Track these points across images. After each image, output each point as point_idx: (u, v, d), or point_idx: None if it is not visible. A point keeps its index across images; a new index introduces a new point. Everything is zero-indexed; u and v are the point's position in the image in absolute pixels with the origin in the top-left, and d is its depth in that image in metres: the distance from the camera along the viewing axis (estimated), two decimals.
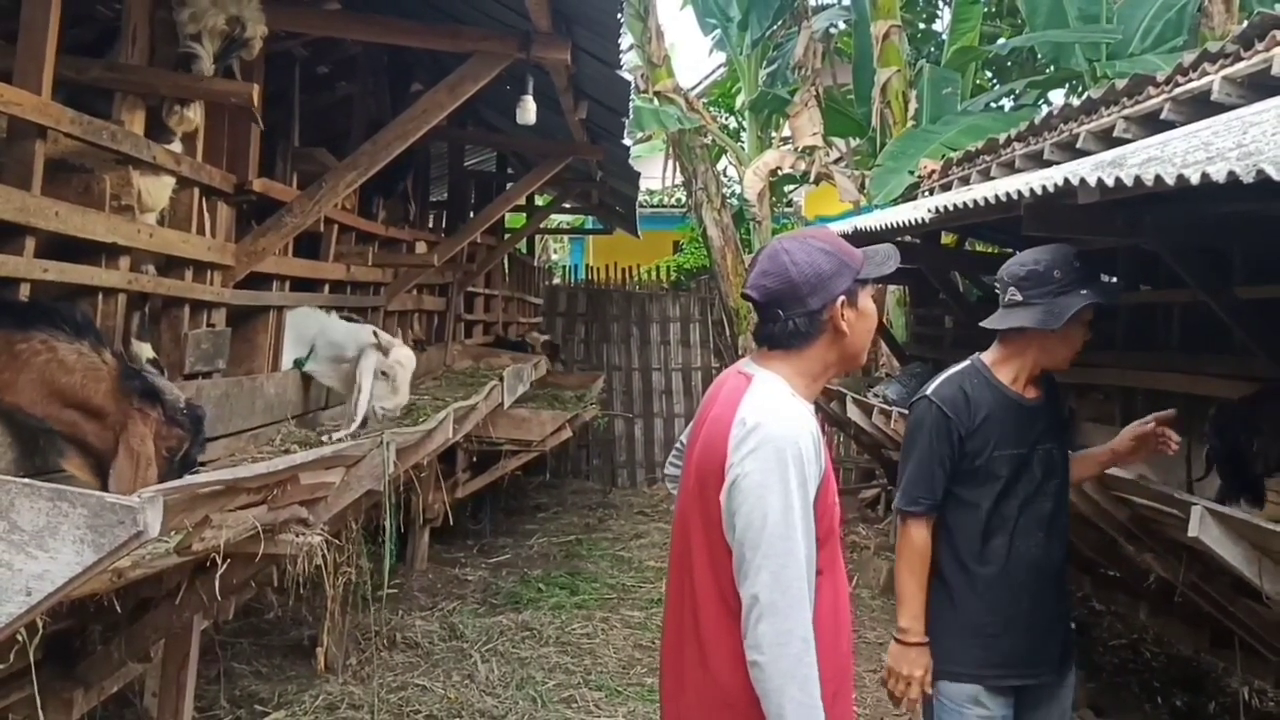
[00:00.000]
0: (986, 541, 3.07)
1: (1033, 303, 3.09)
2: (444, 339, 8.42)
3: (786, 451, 2.12)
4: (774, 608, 2.07)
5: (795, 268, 2.28)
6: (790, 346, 2.29)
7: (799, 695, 2.06)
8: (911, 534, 3.06)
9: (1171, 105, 4.63)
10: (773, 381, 2.27)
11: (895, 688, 3.05)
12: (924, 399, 3.13)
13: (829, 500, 2.24)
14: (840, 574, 2.32)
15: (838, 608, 2.26)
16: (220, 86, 3.64)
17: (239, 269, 4.22)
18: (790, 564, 2.08)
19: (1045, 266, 3.13)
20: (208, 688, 5.34)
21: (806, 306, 2.26)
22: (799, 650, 2.07)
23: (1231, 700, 5.63)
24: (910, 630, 3.03)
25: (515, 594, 7.61)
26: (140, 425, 2.79)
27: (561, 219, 16.60)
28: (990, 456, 3.06)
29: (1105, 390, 5.88)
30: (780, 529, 2.09)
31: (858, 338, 2.32)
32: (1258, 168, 2.32)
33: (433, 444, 4.47)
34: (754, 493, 2.11)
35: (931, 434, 3.06)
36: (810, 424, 2.21)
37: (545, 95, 5.86)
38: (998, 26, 13.10)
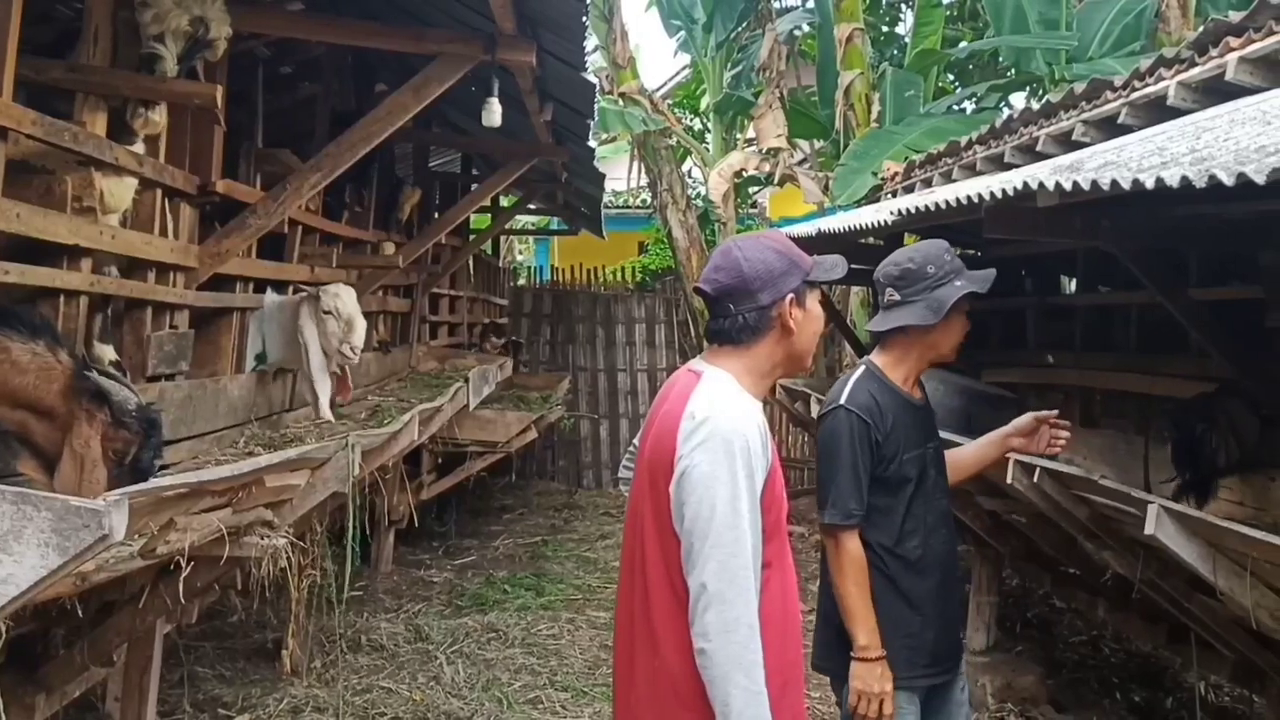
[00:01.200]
0: (904, 543, 3.07)
1: (910, 300, 3.10)
2: (409, 340, 8.39)
3: (734, 444, 2.16)
4: (721, 596, 2.11)
5: (748, 264, 2.34)
6: (740, 342, 2.35)
7: (744, 682, 2.09)
8: (848, 547, 3.00)
9: (1129, 110, 4.71)
10: (721, 377, 2.32)
11: (868, 709, 2.94)
12: (841, 409, 3.06)
13: (776, 494, 2.27)
14: (788, 568, 2.35)
15: (786, 601, 2.30)
16: (183, 88, 3.62)
17: (202, 271, 4.20)
18: (737, 553, 2.12)
19: (918, 264, 3.14)
20: (171, 692, 5.29)
21: (757, 301, 2.32)
22: (745, 637, 2.11)
23: (1188, 695, 5.71)
24: (870, 646, 2.96)
25: (481, 595, 7.59)
26: (85, 427, 2.76)
27: (527, 220, 16.58)
28: (901, 461, 3.07)
29: (1064, 390, 5.97)
30: (728, 519, 2.13)
31: (805, 337, 2.38)
32: (1209, 173, 2.37)
33: (398, 446, 4.47)
34: (702, 484, 2.15)
35: (855, 443, 3.01)
36: (758, 419, 2.25)
37: (510, 97, 5.86)
38: (959, 30, 13.22)
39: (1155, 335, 5.13)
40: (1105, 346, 5.63)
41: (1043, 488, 4.01)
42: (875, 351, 3.25)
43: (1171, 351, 4.93)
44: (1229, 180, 2.31)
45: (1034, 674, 5.84)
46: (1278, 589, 3.25)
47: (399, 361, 8.03)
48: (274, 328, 5.16)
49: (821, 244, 6.37)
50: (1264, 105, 3.27)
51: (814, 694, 5.95)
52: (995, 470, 3.76)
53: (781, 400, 9.00)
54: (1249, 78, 4.04)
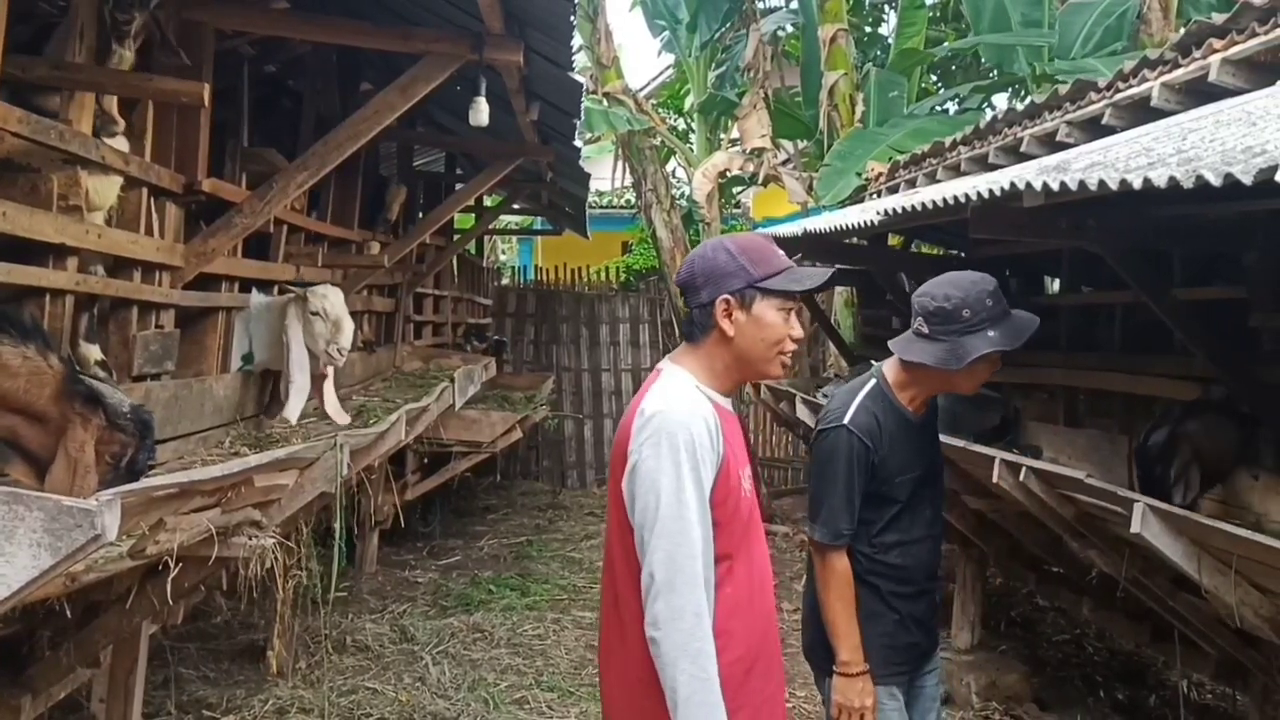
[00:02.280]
0: (887, 553, 3.10)
1: (938, 339, 3.05)
2: (394, 340, 8.37)
3: (678, 437, 2.20)
4: (668, 585, 2.16)
5: (699, 261, 2.39)
6: (693, 338, 2.40)
7: (690, 668, 2.13)
8: (835, 565, 3.02)
9: (1112, 111, 4.73)
10: (678, 374, 2.37)
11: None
12: (842, 428, 3.03)
13: (731, 486, 2.30)
14: (757, 560, 2.39)
15: (752, 591, 2.34)
16: (170, 86, 3.60)
17: (188, 270, 4.18)
18: (683, 544, 2.17)
19: (955, 305, 3.05)
20: (155, 693, 5.27)
21: (699, 298, 2.36)
22: (691, 625, 2.15)
23: (1171, 694, 5.75)
24: (852, 661, 2.98)
25: (466, 596, 7.58)
26: (80, 431, 2.75)
27: (510, 219, 16.55)
28: (893, 483, 3.08)
29: (1049, 390, 6.00)
30: (673, 510, 2.18)
31: (748, 343, 2.35)
32: (1197, 173, 2.39)
33: (385, 446, 4.45)
34: (648, 477, 2.21)
35: (852, 465, 3.00)
36: (705, 414, 2.27)
37: (496, 96, 5.85)
38: (942, 31, 13.26)
39: (1140, 335, 5.16)
40: (1090, 346, 5.66)
41: (1028, 486, 4.03)
42: (889, 364, 3.21)
43: (1156, 351, 4.96)
44: (1217, 181, 2.33)
45: (1018, 672, 5.87)
46: (1262, 587, 3.28)
47: (383, 361, 8.01)
48: (260, 328, 5.14)
49: (807, 244, 6.40)
50: (1248, 106, 3.30)
51: (799, 693, 5.98)
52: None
53: (766, 400, 9.03)
54: (1231, 79, 4.07)
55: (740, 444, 2.41)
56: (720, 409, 2.35)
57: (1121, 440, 5.10)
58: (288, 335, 4.96)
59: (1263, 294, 4.20)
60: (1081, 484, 3.82)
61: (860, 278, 8.85)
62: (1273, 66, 3.92)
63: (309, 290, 5.04)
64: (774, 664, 2.42)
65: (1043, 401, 6.09)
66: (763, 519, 8.47)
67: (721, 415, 2.34)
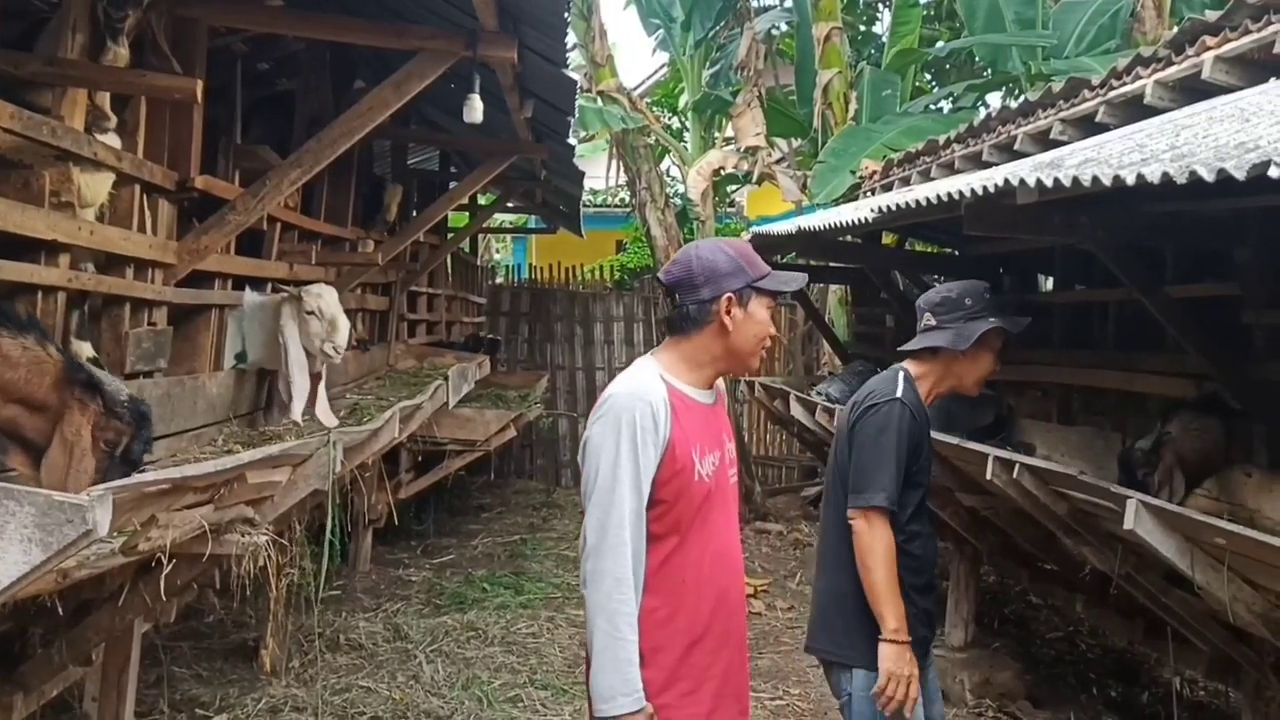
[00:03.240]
0: (911, 542, 3.20)
1: (945, 326, 3.32)
2: (388, 338, 8.36)
3: (622, 418, 2.41)
4: (596, 550, 2.39)
5: (697, 261, 2.58)
6: (683, 331, 2.58)
7: (605, 626, 2.36)
8: (881, 531, 3.10)
9: (1106, 108, 4.74)
10: (645, 363, 2.60)
11: (898, 691, 3.03)
12: (896, 401, 3.21)
13: (677, 468, 2.45)
14: (715, 543, 2.54)
15: (703, 570, 2.50)
16: (163, 82, 3.59)
17: (181, 267, 4.16)
18: (612, 513, 2.38)
19: (958, 295, 3.36)
20: (148, 692, 5.25)
21: (699, 295, 2.55)
22: (610, 588, 2.37)
23: (1164, 690, 5.77)
24: (900, 629, 3.06)
25: (460, 594, 7.56)
26: (77, 415, 2.77)
27: (505, 218, 16.54)
28: (921, 466, 3.25)
29: (1043, 388, 6.01)
30: (608, 482, 2.39)
31: (741, 337, 2.57)
32: (1190, 169, 2.39)
33: (378, 443, 4.44)
34: (594, 452, 2.44)
35: (903, 435, 3.16)
36: (654, 398, 2.46)
37: (490, 94, 5.83)
38: (937, 30, 13.27)
39: (1133, 332, 5.17)
40: (1083, 344, 5.67)
41: (1022, 483, 4.04)
42: (908, 365, 3.40)
43: (1148, 348, 4.97)
44: (1210, 177, 2.33)
45: (1011, 670, 5.88)
46: (1255, 582, 3.29)
47: (377, 359, 8.00)
48: (254, 327, 5.13)
49: (802, 242, 6.40)
50: (1241, 103, 3.31)
51: (793, 690, 5.99)
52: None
53: (760, 399, 9.04)
54: (1225, 77, 4.08)
55: (708, 433, 2.56)
56: (681, 397, 2.52)
57: (1114, 437, 5.11)
58: (284, 335, 4.96)
59: (1255, 291, 4.21)
60: (1075, 480, 3.84)
61: (854, 276, 8.87)
62: (1266, 64, 3.93)
63: (304, 289, 5.04)
64: (726, 645, 2.56)
65: (1036, 399, 6.10)
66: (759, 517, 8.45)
67: (681, 403, 2.51)
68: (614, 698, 2.35)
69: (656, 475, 2.44)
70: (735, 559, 2.64)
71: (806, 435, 8.06)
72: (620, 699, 2.35)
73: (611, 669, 2.36)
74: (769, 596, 7.96)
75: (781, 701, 5.85)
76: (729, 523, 2.62)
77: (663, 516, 2.46)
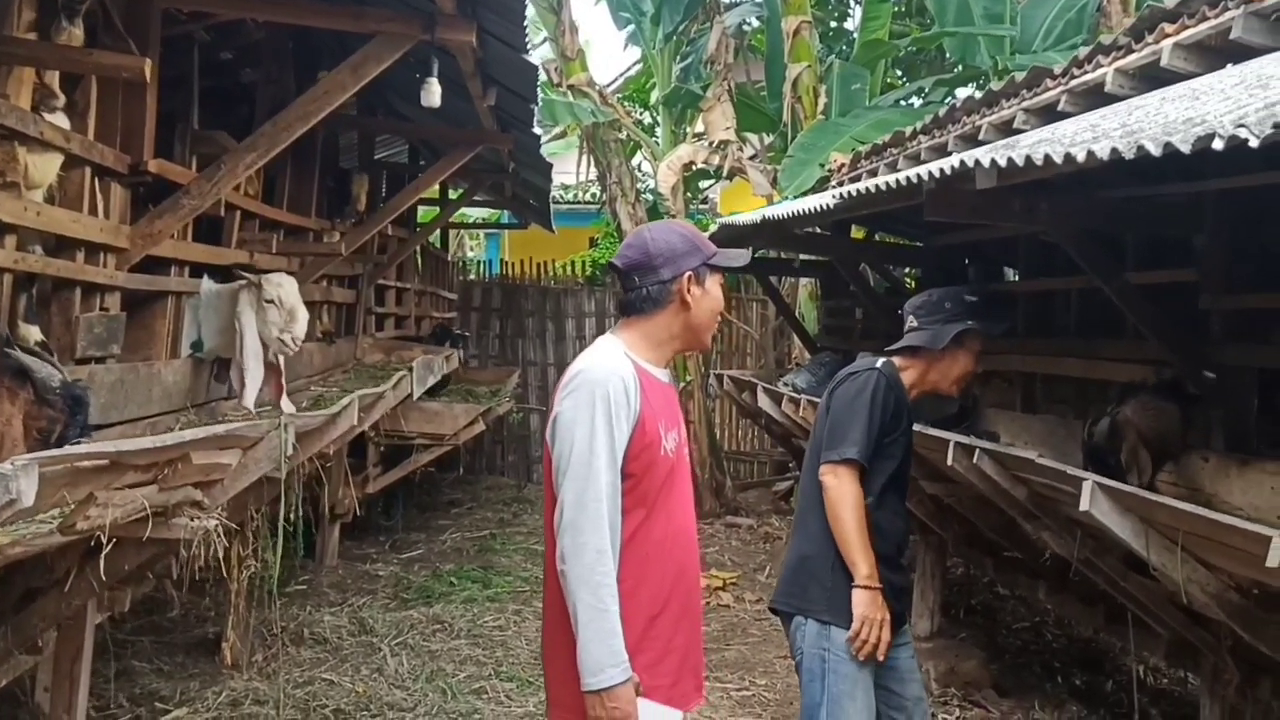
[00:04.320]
0: (878, 510, 3.33)
1: (924, 328, 3.51)
2: (354, 332, 8.30)
3: (595, 392, 2.45)
4: (574, 524, 2.41)
5: (653, 243, 2.64)
6: (642, 312, 2.64)
7: (589, 599, 2.39)
8: (852, 486, 3.26)
9: (1068, 97, 4.75)
10: (609, 341, 2.65)
11: (871, 634, 3.18)
12: (874, 370, 3.41)
13: (647, 442, 2.50)
14: (676, 518, 2.60)
15: (666, 545, 2.56)
16: (111, 60, 3.53)
17: (134, 252, 4.10)
18: (590, 487, 2.41)
19: (939, 298, 3.57)
20: (106, 687, 5.19)
21: (658, 276, 2.61)
22: (592, 560, 2.40)
23: (1127, 679, 5.79)
24: (872, 575, 3.21)
25: (427, 588, 7.51)
26: (6, 404, 2.71)
27: (477, 214, 16.47)
28: (895, 439, 3.39)
29: (1007, 376, 6.02)
30: (584, 456, 2.43)
31: (701, 313, 2.66)
32: (1138, 144, 2.39)
33: (337, 431, 4.39)
34: (566, 427, 2.47)
35: (880, 399, 3.34)
36: (624, 373, 2.51)
37: (454, 82, 5.81)
38: (906, 25, 13.30)
39: (1094, 320, 5.19)
40: (1046, 333, 5.69)
41: (981, 468, 4.05)
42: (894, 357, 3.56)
43: (1109, 335, 4.99)
44: (1156, 150, 2.34)
45: (977, 659, 5.89)
46: (1208, 563, 3.30)
47: (344, 353, 7.94)
48: (211, 315, 5.07)
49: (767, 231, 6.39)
50: (1194, 84, 3.32)
51: (760, 681, 5.99)
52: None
53: (729, 391, 9.03)
54: (1183, 63, 4.09)
55: (670, 410, 2.65)
56: (646, 374, 2.59)
57: (1076, 424, 5.12)
58: (240, 322, 4.89)
59: (1212, 276, 4.23)
60: (1033, 464, 3.85)
61: (824, 270, 8.89)
62: (1223, 50, 3.94)
63: (263, 278, 4.98)
64: (686, 618, 2.62)
65: (1000, 388, 6.12)
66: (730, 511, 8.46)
67: (647, 379, 2.57)
68: (603, 669, 2.38)
69: (628, 448, 2.48)
70: (692, 535, 2.71)
71: (775, 427, 8.06)
72: (609, 670, 2.38)
73: (598, 641, 2.39)
74: (737, 589, 7.95)
75: (748, 692, 5.84)
76: (687, 499, 2.69)
77: (632, 490, 2.50)
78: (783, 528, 9.84)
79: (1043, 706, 5.56)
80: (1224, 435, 4.16)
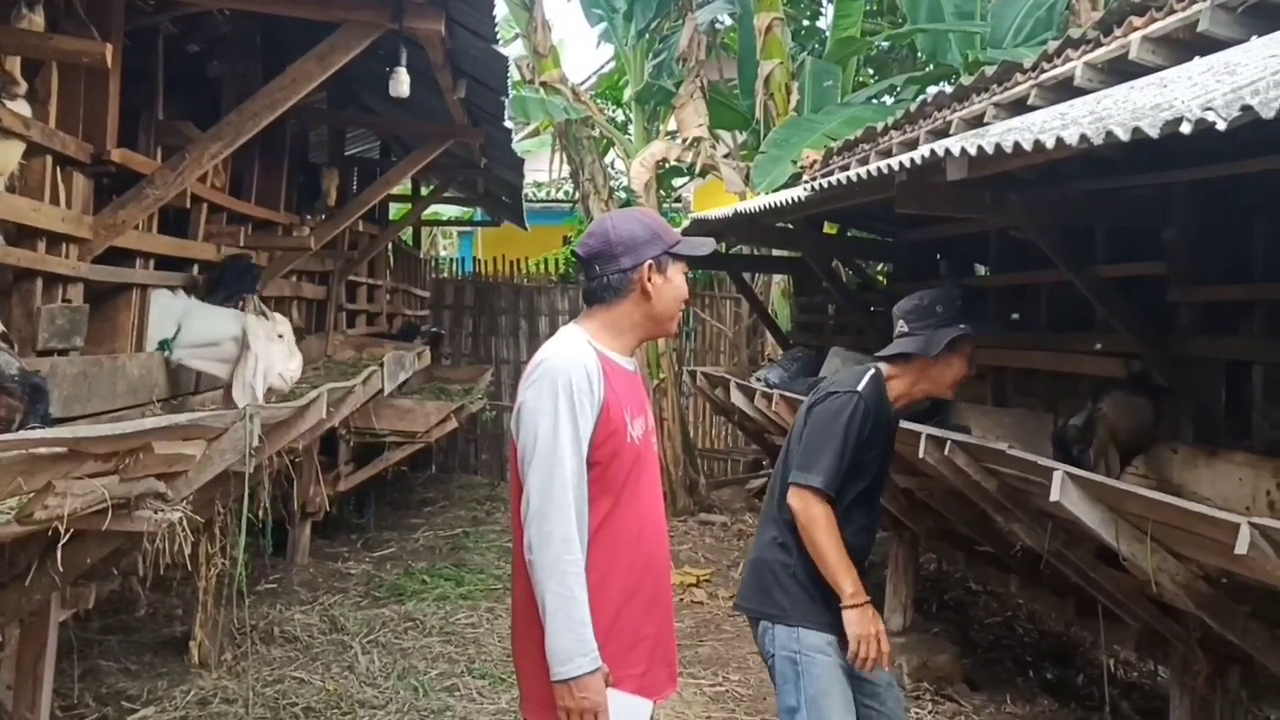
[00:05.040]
0: (845, 527, 3.27)
1: (916, 333, 3.44)
2: (325, 328, 8.24)
3: (558, 381, 2.46)
4: (540, 513, 2.41)
5: (614, 231, 2.64)
6: (604, 300, 2.64)
7: (557, 588, 2.38)
8: (823, 508, 3.22)
9: (1037, 91, 4.76)
10: (572, 331, 2.64)
11: (869, 650, 3.16)
12: (855, 393, 3.32)
13: (612, 430, 2.51)
14: (645, 507, 2.61)
15: (634, 534, 2.56)
16: (72, 46, 3.48)
17: (97, 243, 4.04)
18: (555, 476, 2.41)
19: (929, 302, 3.49)
20: (73, 686, 5.13)
21: (619, 264, 2.61)
22: (559, 549, 2.40)
23: (1098, 672, 5.83)
24: (858, 593, 3.18)
25: (399, 586, 7.46)
26: None
27: (450, 213, 16.39)
28: (867, 459, 3.35)
29: (978, 370, 6.03)
30: (548, 444, 2.43)
31: (662, 302, 2.65)
32: (1107, 129, 2.39)
33: (306, 424, 4.33)
34: (530, 416, 2.48)
35: (856, 427, 3.28)
36: (588, 361, 2.51)
37: (425, 76, 5.76)
38: (878, 24, 13.33)
39: (1064, 314, 5.21)
40: (1017, 326, 5.71)
41: (954, 460, 4.05)
42: (883, 363, 3.50)
43: (1080, 329, 5.01)
44: (1125, 135, 2.33)
45: (949, 653, 5.91)
46: (1177, 553, 3.31)
47: (314, 349, 7.87)
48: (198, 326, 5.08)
49: (740, 225, 6.40)
50: (1163, 74, 3.33)
51: (733, 676, 5.98)
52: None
53: (702, 387, 9.03)
54: (1151, 57, 4.10)
55: (635, 397, 2.65)
56: (610, 362, 2.59)
57: (1046, 418, 5.14)
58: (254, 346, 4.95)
59: (1181, 269, 4.25)
60: (1004, 456, 3.85)
61: (796, 267, 8.90)
62: (1191, 43, 3.95)
63: (273, 314, 5.09)
64: (656, 606, 2.63)
65: (971, 382, 6.11)
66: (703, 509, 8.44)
67: (611, 367, 2.58)
68: (571, 659, 2.37)
69: (593, 436, 2.48)
70: (660, 524, 2.71)
71: (747, 423, 8.06)
72: (578, 659, 2.37)
73: (566, 630, 2.38)
74: (711, 586, 7.95)
75: (721, 688, 5.84)
76: (654, 487, 2.69)
77: (599, 479, 2.50)
78: (756, 525, 9.83)
79: (1014, 700, 5.59)
80: (1193, 427, 4.18)
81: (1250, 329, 4.00)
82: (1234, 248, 4.24)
